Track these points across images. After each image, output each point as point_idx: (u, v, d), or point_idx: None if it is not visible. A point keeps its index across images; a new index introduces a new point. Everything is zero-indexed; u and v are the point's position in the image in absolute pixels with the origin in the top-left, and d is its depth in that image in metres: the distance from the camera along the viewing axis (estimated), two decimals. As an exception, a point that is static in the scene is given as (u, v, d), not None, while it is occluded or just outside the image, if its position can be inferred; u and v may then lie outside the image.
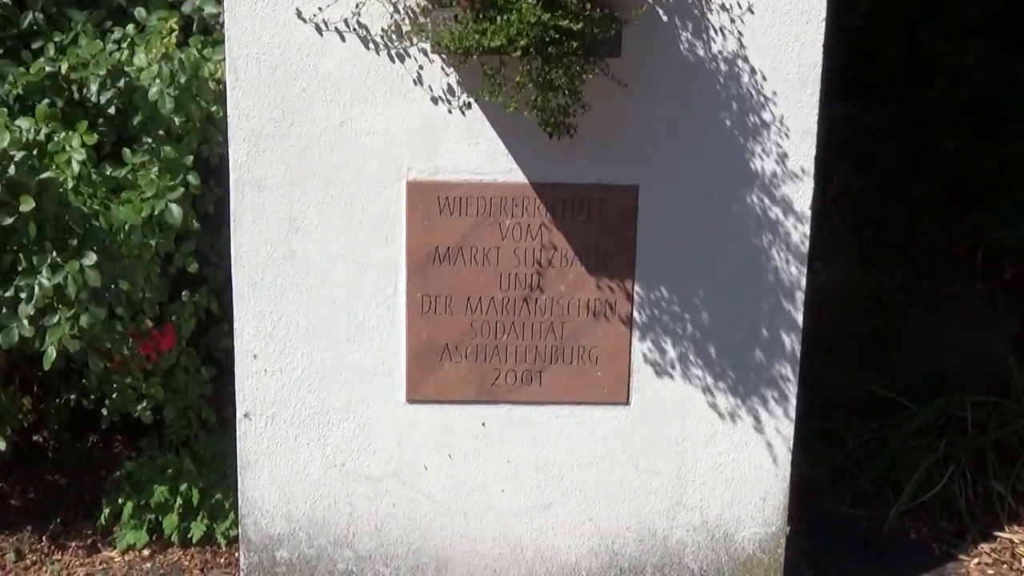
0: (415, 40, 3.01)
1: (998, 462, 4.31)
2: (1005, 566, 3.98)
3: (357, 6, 2.98)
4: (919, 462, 4.28)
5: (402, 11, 2.99)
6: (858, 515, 4.23)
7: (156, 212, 3.41)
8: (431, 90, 3.09)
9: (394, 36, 3.03)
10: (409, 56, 3.07)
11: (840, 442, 4.57)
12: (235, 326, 3.25)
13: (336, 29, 3.04)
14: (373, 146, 3.13)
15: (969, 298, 5.01)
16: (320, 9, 3.01)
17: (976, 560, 4.01)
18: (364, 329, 3.25)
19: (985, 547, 4.07)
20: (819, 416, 4.49)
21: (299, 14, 3.02)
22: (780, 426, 3.36)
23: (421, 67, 3.07)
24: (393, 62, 3.07)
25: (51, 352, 3.33)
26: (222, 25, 3.12)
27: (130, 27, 3.64)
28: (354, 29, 3.03)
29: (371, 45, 3.06)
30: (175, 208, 3.42)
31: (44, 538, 3.90)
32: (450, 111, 3.10)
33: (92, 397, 3.86)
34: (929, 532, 4.14)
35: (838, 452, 4.52)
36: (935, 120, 4.82)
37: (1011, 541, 4.10)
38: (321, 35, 3.04)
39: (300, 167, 3.14)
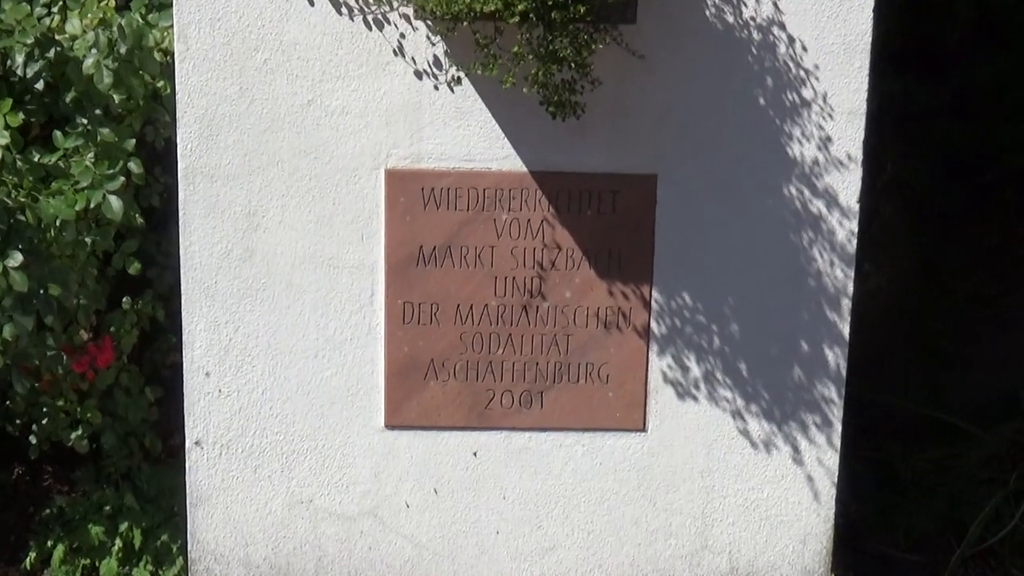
0: (395, 4, 3.02)
1: (1079, 498, 4.32)
2: (1086, 620, 3.99)
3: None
4: (986, 498, 4.29)
5: (380, -30, 3.01)
6: (914, 561, 4.24)
7: (92, 205, 3.41)
8: (414, 63, 3.10)
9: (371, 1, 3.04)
10: (389, 23, 3.08)
11: (893, 475, 4.57)
12: (184, 339, 3.26)
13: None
14: (346, 128, 3.14)
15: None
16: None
17: (1053, 613, 4.02)
18: (335, 343, 3.26)
19: (1064, 598, 4.09)
20: (868, 445, 4.49)
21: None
22: (823, 456, 3.37)
23: (403, 35, 3.09)
24: (370, 30, 3.08)
25: (-32, 369, 3.34)
26: (170, -14, 3.15)
27: (62, -12, 3.65)
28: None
29: (344, 10, 3.07)
30: (114, 200, 3.42)
31: (-40, 586, 3.91)
32: (436, 87, 3.11)
33: (18, 423, 3.86)
34: (998, 581, 4.16)
35: (891, 486, 4.52)
36: (1008, 94, 4.82)
37: (1097, 591, 4.12)
38: (285, -2, 3.07)
39: (261, 153, 3.15)
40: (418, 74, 3.10)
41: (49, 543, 3.87)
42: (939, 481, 4.50)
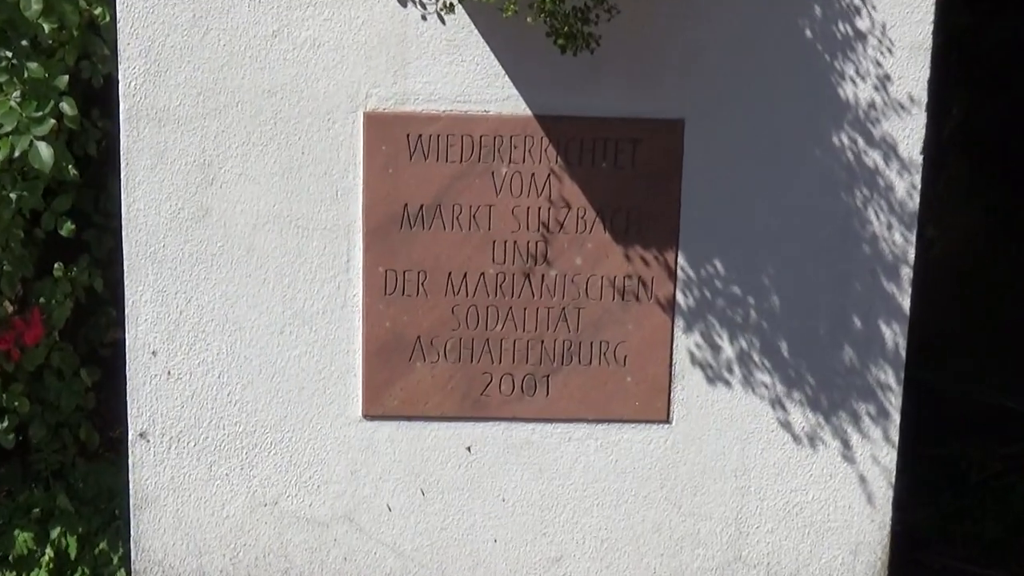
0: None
1: None
2: None
3: None
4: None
5: None
6: (985, 574, 4.26)
7: (17, 153, 3.41)
8: (398, -13, 3.11)
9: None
10: (368, -61, 3.09)
11: (959, 475, 4.59)
12: (127, 312, 3.27)
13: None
14: (318, 64, 3.14)
15: None
16: None
17: None
18: (305, 317, 3.27)
19: None
20: (931, 439, 4.50)
21: None
22: (878, 453, 3.38)
23: (385, -45, 3.09)
24: (346, -53, 3.10)
25: None
26: None
27: None
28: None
29: (315, -76, 3.08)
30: (43, 148, 3.42)
31: None
32: (424, 16, 3.11)
33: (-70, 410, 3.87)
34: (1084, 598, 4.18)
35: (956, 488, 4.54)
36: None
37: None
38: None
39: (218, 93, 3.15)
40: (405, 1, 3.10)
41: (-32, 552, 3.88)
42: (1012, 482, 4.52)
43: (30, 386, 3.78)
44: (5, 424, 3.73)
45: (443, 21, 3.10)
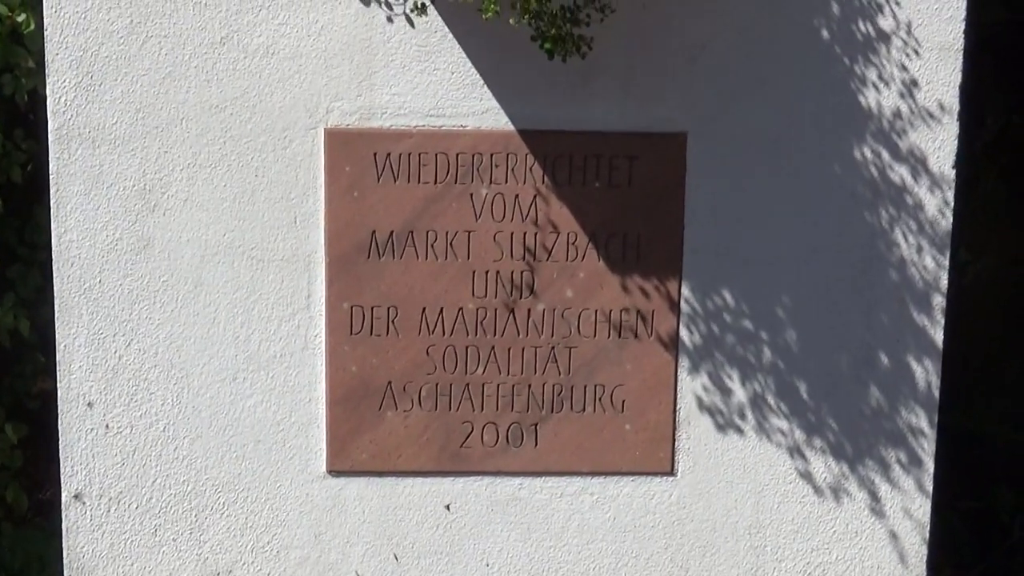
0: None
1: None
2: None
3: None
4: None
5: None
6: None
7: (-67, 180, 3.41)
8: (363, -14, 3.12)
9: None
10: (328, -66, 3.10)
11: (1003, 529, 4.60)
12: (58, 358, 3.26)
13: None
14: (273, 73, 3.14)
15: None
16: None
17: None
18: (260, 361, 3.26)
19: None
20: (969, 490, 4.51)
21: None
22: (911, 506, 3.38)
23: (347, -49, 3.10)
24: (303, -57, 3.10)
25: None
26: None
27: None
28: None
29: (268, -83, 3.09)
30: (-37, 174, 3.42)
31: None
32: (391, 19, 3.12)
33: None
34: None
35: (1001, 544, 4.55)
36: None
37: None
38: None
39: (159, 108, 3.14)
40: (367, 0, 3.11)
41: None
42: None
43: (-51, 443, 3.78)
44: (-79, 487, 3.73)
45: (412, 24, 3.10)
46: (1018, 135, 4.92)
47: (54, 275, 3.22)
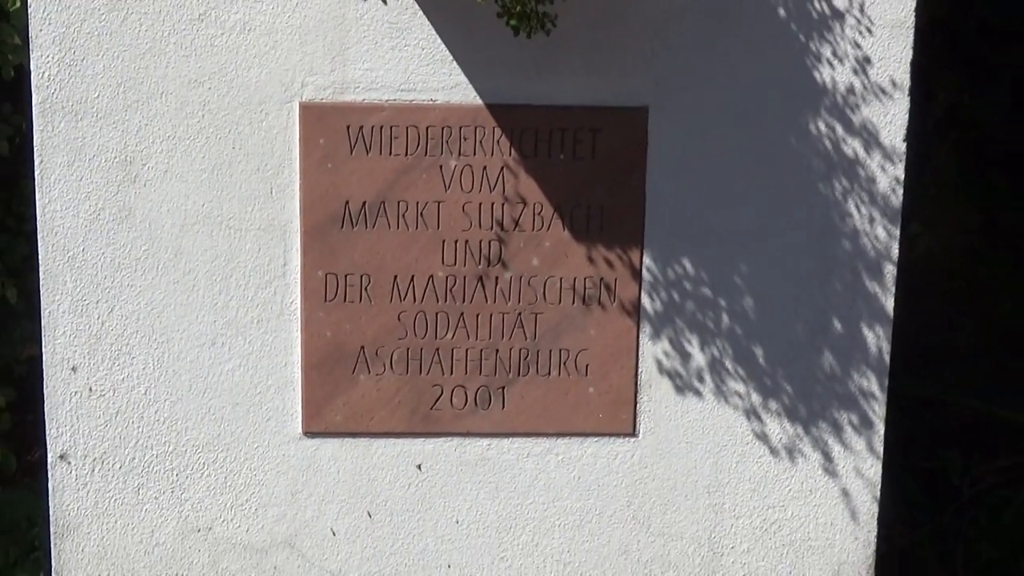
0: None
1: None
2: None
3: None
4: (1068, 517, 4.35)
5: None
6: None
7: (-79, 152, 3.40)
8: (336, -35, 3.10)
9: None
10: (302, -86, 3.08)
11: (951, 490, 4.61)
12: (43, 324, 3.24)
13: None
14: (249, 50, 3.13)
15: None
16: None
17: None
18: (238, 327, 3.25)
19: None
20: (918, 451, 4.53)
21: None
22: (862, 466, 3.39)
23: (321, -69, 3.09)
24: (278, -76, 3.09)
25: None
26: None
27: None
28: None
29: (245, -102, 3.07)
30: (-50, 146, 3.40)
31: None
32: (365, -3, 3.11)
33: None
34: (1085, 621, 4.21)
35: (949, 504, 4.56)
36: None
37: None
38: None
39: (139, 82, 3.13)
40: (341, -20, 3.10)
41: None
42: (1009, 497, 4.54)
43: (-61, 407, 3.77)
44: (-90, 449, 3.72)
45: (384, 1, 3.09)
46: (968, 112, 4.92)
47: (39, 244, 3.20)
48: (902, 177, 3.26)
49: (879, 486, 3.41)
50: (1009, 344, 4.99)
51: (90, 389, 3.27)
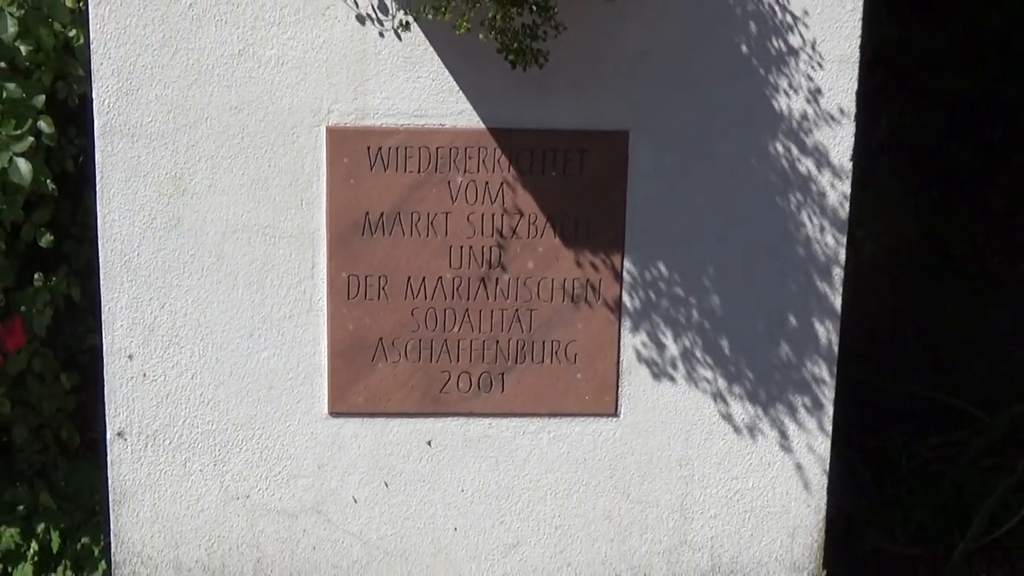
0: (336, -58, 3.02)
1: (1092, 486, 4.36)
2: (1101, 618, 4.04)
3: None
4: (992, 487, 4.32)
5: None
6: (913, 555, 4.28)
7: (-2, 169, 3.39)
8: (357, 6, 3.09)
9: (308, -63, 3.04)
10: (329, -37, 3.08)
11: (891, 463, 4.61)
12: (103, 319, 3.24)
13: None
14: (282, 81, 3.13)
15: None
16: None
17: (1065, 611, 4.06)
18: (273, 320, 3.25)
19: (1077, 594, 4.13)
20: (864, 431, 4.52)
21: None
22: (813, 443, 3.39)
23: (344, -22, 3.09)
24: (308, -29, 3.09)
25: None
26: (82, -77, 3.12)
27: (-39, -73, 3.62)
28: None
29: (279, -51, 3.07)
30: (23, 164, 3.39)
31: None
32: (382, 34, 3.10)
33: (-83, 413, 3.84)
34: (1004, 576, 4.20)
35: (888, 477, 4.56)
36: (1018, 41, 4.83)
37: (1109, 587, 4.16)
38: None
39: (187, 109, 3.13)
40: (361, 19, 3.09)
41: (-45, 548, 3.85)
42: (941, 470, 4.53)
43: (13, 390, 3.76)
44: (-14, 423, 3.72)
45: (400, 38, 3.09)
46: (907, 135, 4.92)
47: (99, 249, 3.21)
48: (848, 192, 3.25)
49: (828, 461, 3.40)
50: (943, 337, 4.98)
51: (144, 375, 3.27)
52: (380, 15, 3.08)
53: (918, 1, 4.74)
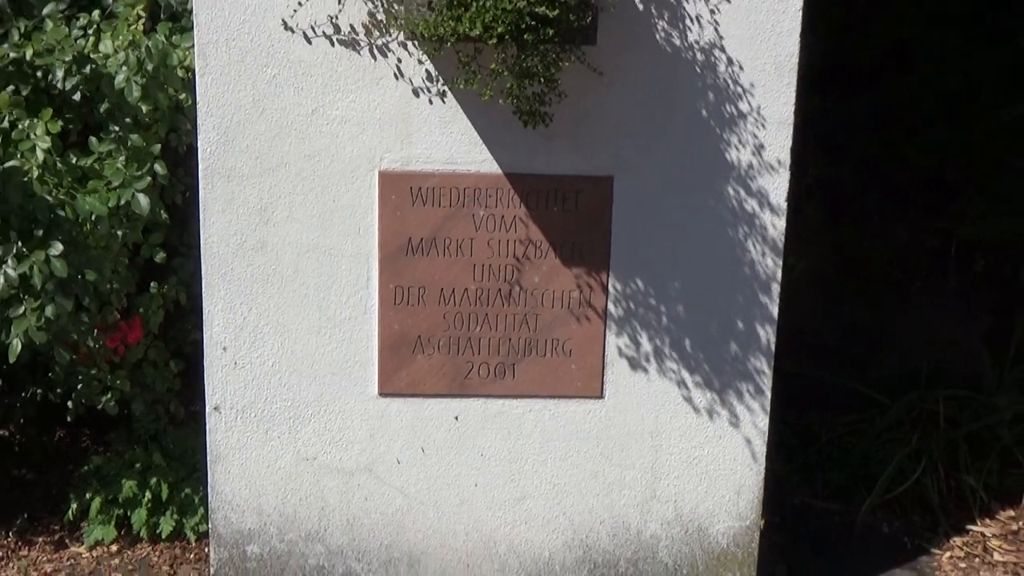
0: (393, 33, 2.99)
1: (970, 456, 4.35)
2: (977, 559, 4.02)
3: (339, 2, 2.98)
4: (892, 456, 4.32)
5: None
6: (831, 509, 4.26)
7: (123, 202, 3.38)
8: (403, 76, 3.08)
9: (369, 26, 3.02)
10: (387, 51, 3.05)
11: (814, 437, 4.60)
12: (204, 318, 3.23)
13: (312, 29, 3.02)
14: (345, 134, 3.12)
15: (945, 292, 5.05)
16: (300, 5, 3.00)
17: (948, 554, 4.04)
18: (335, 321, 3.24)
19: (957, 540, 4.10)
20: (794, 411, 4.51)
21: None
22: (756, 420, 3.37)
23: (397, 58, 3.06)
24: (374, 59, 3.06)
25: (16, 344, 3.30)
26: (190, 11, 3.10)
27: (96, 13, 3.62)
28: (332, 26, 3.02)
29: (343, 31, 3.05)
30: (142, 198, 3.39)
31: (11, 534, 3.87)
32: (424, 99, 3.09)
33: (58, 390, 3.83)
34: (902, 526, 4.17)
35: (812, 447, 4.55)
36: (914, 109, 4.84)
37: (983, 535, 4.14)
38: (292, 31, 3.03)
39: (270, 156, 3.12)
40: (409, 89, 3.08)
41: (87, 496, 3.84)
42: (853, 442, 4.53)
43: (133, 373, 3.76)
44: (109, 397, 3.71)
45: (438, 102, 3.08)
46: (829, 181, 4.93)
47: (202, 264, 3.20)
48: (783, 226, 3.24)
49: (767, 434, 3.38)
50: (856, 338, 4.98)
51: (235, 363, 3.26)
52: (424, 84, 3.07)
53: (838, 77, 4.75)
